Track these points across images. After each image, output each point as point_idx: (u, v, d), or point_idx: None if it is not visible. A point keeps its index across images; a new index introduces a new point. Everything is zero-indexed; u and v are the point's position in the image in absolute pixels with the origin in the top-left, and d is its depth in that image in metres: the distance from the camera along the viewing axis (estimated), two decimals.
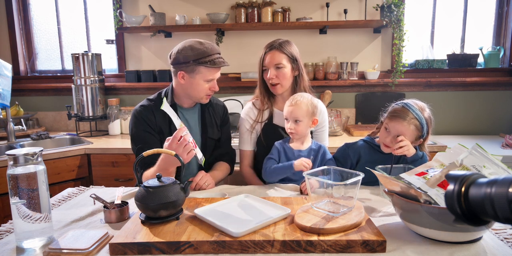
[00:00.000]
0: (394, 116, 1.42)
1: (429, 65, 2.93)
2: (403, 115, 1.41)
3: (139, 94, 3.12)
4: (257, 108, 1.77)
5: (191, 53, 1.50)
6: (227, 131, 1.80)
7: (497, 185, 0.56)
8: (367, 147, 1.56)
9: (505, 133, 2.86)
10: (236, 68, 3.04)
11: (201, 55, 1.50)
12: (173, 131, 1.55)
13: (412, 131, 1.41)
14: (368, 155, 1.55)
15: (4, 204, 2.18)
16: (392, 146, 1.43)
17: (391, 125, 1.43)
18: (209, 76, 1.55)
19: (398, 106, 1.45)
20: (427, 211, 0.94)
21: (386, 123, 1.46)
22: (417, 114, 1.41)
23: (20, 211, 0.99)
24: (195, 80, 1.54)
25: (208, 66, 1.51)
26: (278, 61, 1.64)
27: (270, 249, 0.95)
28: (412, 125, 1.41)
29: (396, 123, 1.41)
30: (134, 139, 1.60)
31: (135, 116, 1.60)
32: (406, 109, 1.42)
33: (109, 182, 2.44)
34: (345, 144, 1.63)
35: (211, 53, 1.52)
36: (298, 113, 1.51)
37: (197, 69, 1.52)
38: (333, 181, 1.18)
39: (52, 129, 3.19)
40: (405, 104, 1.44)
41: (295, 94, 1.61)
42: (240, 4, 2.85)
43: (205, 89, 1.57)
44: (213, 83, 1.58)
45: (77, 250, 0.95)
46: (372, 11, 2.89)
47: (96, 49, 3.22)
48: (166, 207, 1.08)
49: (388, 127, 1.45)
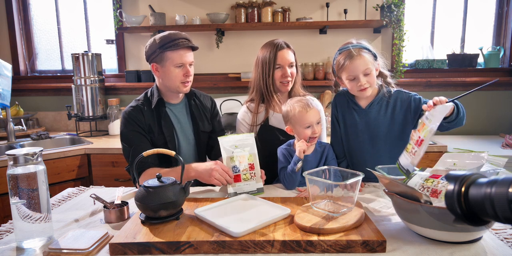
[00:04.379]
0: (346, 62, 1.43)
1: (429, 65, 2.93)
2: (351, 54, 1.43)
3: (139, 94, 3.09)
4: (252, 111, 1.75)
5: (156, 43, 1.54)
6: (218, 124, 1.81)
7: (497, 185, 0.56)
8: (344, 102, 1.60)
9: (505, 133, 2.86)
10: (236, 68, 3.04)
11: (164, 41, 1.53)
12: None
13: (368, 59, 1.44)
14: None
15: (4, 204, 2.18)
16: (366, 85, 1.45)
17: (351, 69, 1.43)
18: (177, 59, 1.54)
19: (340, 55, 1.47)
20: (427, 211, 0.94)
21: (345, 74, 1.46)
22: (355, 45, 1.45)
23: (20, 211, 0.99)
24: (165, 68, 1.56)
25: (172, 49, 1.52)
26: (292, 60, 1.68)
27: (270, 249, 0.95)
28: (363, 54, 1.43)
29: (353, 64, 1.42)
30: (126, 140, 1.59)
31: (124, 117, 1.60)
32: (345, 51, 1.45)
33: (109, 182, 2.44)
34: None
35: (174, 38, 1.53)
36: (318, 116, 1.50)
37: (164, 56, 1.54)
38: (333, 181, 1.18)
39: (52, 129, 3.19)
40: (340, 50, 1.48)
41: (296, 98, 1.56)
42: (240, 4, 2.85)
43: (178, 75, 1.56)
44: (185, 68, 1.57)
45: (77, 250, 0.95)
46: (372, 11, 2.89)
47: (96, 49, 3.22)
48: (166, 207, 1.08)
49: (350, 75, 1.45)
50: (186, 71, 1.57)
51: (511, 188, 0.54)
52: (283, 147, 1.56)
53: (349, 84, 1.48)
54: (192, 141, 1.70)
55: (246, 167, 1.42)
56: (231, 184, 1.39)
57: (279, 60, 1.66)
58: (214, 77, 3.06)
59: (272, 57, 1.66)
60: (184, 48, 1.54)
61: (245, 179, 1.41)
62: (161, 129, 1.60)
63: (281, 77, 1.68)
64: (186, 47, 1.54)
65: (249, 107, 1.78)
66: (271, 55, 1.66)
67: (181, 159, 1.21)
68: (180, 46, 1.52)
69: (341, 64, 1.45)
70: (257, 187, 1.43)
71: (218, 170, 1.35)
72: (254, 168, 1.43)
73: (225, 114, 2.62)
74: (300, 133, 1.48)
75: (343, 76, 1.47)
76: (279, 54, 1.66)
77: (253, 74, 1.76)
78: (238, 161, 1.42)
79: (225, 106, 2.73)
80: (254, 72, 1.74)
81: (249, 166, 1.43)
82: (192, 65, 1.61)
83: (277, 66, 1.67)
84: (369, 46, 1.48)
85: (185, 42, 1.54)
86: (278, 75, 1.68)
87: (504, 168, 1.07)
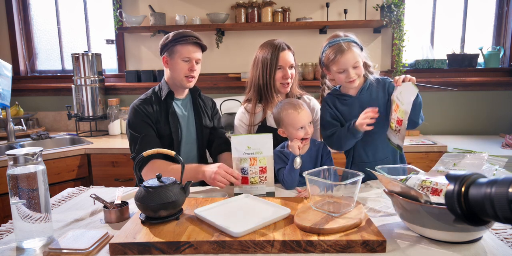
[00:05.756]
0: (337, 56, 1.46)
1: (429, 65, 2.93)
2: (341, 49, 1.45)
3: (139, 94, 3.06)
4: (249, 112, 1.76)
5: (169, 37, 1.65)
6: (218, 122, 1.89)
7: (497, 185, 0.56)
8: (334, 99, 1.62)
9: (505, 133, 2.86)
10: (236, 68, 3.04)
11: (176, 36, 1.64)
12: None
13: (357, 52, 1.47)
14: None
15: (4, 204, 2.18)
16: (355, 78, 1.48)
17: (342, 63, 1.46)
18: (185, 53, 1.63)
19: (330, 49, 1.49)
20: (427, 211, 0.94)
21: (335, 67, 1.49)
22: (344, 39, 1.48)
23: (20, 211, 0.99)
24: (174, 60, 1.65)
25: (182, 43, 1.62)
26: (292, 61, 1.70)
27: (270, 249, 0.95)
28: (353, 48, 1.46)
29: (343, 58, 1.45)
30: (134, 129, 1.63)
31: (134, 108, 1.67)
32: (335, 44, 1.47)
33: (109, 182, 2.44)
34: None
35: (186, 35, 1.64)
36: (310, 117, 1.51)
37: (175, 49, 1.64)
38: (333, 181, 1.18)
39: (52, 129, 3.19)
40: (330, 44, 1.49)
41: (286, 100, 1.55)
42: (240, 4, 2.85)
43: (184, 68, 1.65)
44: (191, 63, 1.65)
45: (77, 250, 0.95)
46: (372, 11, 2.89)
47: (96, 49, 3.22)
48: (166, 207, 1.08)
49: (340, 69, 1.48)
50: (191, 65, 1.65)
51: (511, 188, 0.54)
52: (277, 149, 1.56)
53: (338, 76, 1.52)
54: (194, 135, 1.76)
55: (256, 170, 1.38)
56: (237, 185, 1.39)
57: (281, 62, 1.67)
58: (214, 77, 3.06)
59: (273, 58, 1.66)
60: (193, 44, 1.65)
61: (253, 182, 1.38)
62: (167, 120, 1.68)
63: (281, 78, 1.69)
64: (194, 43, 1.65)
65: (247, 107, 1.79)
66: (272, 56, 1.66)
67: (181, 159, 1.22)
68: (189, 41, 1.63)
69: (332, 58, 1.48)
70: (267, 191, 1.39)
71: (220, 173, 1.38)
72: (267, 171, 1.39)
73: (225, 114, 2.62)
74: (293, 134, 1.48)
75: (333, 69, 1.52)
76: (281, 55, 1.66)
77: (250, 73, 1.76)
78: (248, 163, 1.38)
79: (225, 106, 2.73)
80: (252, 71, 1.74)
81: (260, 169, 1.38)
82: (198, 63, 1.70)
83: (278, 67, 1.68)
84: (357, 39, 1.53)
85: (195, 39, 1.65)
86: (278, 76, 1.68)
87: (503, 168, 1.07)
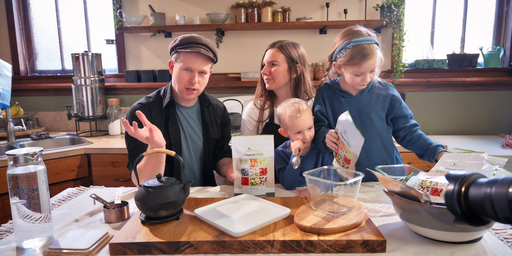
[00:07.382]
0: (360, 60, 1.37)
1: (429, 65, 2.92)
2: (366, 53, 1.36)
3: (139, 94, 3.12)
4: (258, 108, 1.79)
5: (177, 41, 1.56)
6: (228, 131, 1.80)
7: (497, 185, 0.56)
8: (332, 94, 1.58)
9: (505, 133, 2.86)
10: (236, 68, 3.04)
11: (183, 41, 1.54)
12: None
13: (380, 55, 1.41)
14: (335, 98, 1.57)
15: (4, 204, 2.18)
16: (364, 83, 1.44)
17: (363, 68, 1.39)
18: (186, 62, 1.51)
19: (352, 49, 1.39)
20: (427, 211, 0.94)
21: (352, 69, 1.41)
22: (369, 40, 1.39)
23: (20, 211, 0.99)
24: (177, 68, 1.56)
25: (185, 51, 1.51)
26: (273, 58, 1.70)
27: (270, 249, 0.95)
28: (376, 52, 1.39)
29: (367, 64, 1.38)
30: (129, 137, 1.54)
31: (131, 113, 1.59)
32: (359, 46, 1.38)
33: (109, 182, 2.44)
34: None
35: (192, 41, 1.53)
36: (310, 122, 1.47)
37: (180, 56, 1.55)
38: (333, 181, 1.18)
39: (52, 129, 3.19)
40: (354, 42, 1.39)
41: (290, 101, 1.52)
42: (240, 4, 2.85)
43: (184, 79, 1.53)
44: (192, 73, 1.53)
45: (77, 250, 0.95)
46: (372, 11, 2.89)
47: (96, 49, 3.22)
48: (166, 207, 1.08)
49: (358, 72, 1.41)
50: (191, 77, 1.52)
51: (511, 188, 0.54)
52: (279, 148, 1.55)
53: (351, 77, 1.44)
54: (200, 147, 1.69)
55: (257, 172, 1.36)
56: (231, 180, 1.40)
57: (264, 58, 1.76)
58: (214, 77, 3.05)
59: (263, 56, 1.76)
60: (197, 53, 1.51)
61: (253, 183, 1.38)
62: (167, 130, 1.58)
63: (262, 74, 1.75)
64: (199, 53, 1.51)
65: (256, 103, 1.81)
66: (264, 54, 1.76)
67: (181, 159, 1.22)
68: (194, 50, 1.50)
69: (353, 61, 1.39)
70: (267, 192, 1.39)
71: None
72: (267, 172, 1.37)
73: None
74: (291, 137, 1.48)
75: (349, 70, 1.43)
76: (266, 52, 1.75)
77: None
78: (249, 165, 1.36)
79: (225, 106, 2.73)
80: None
81: (260, 170, 1.36)
82: (203, 75, 1.56)
83: (263, 64, 1.76)
84: (377, 40, 1.44)
85: (200, 48, 1.51)
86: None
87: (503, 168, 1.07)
